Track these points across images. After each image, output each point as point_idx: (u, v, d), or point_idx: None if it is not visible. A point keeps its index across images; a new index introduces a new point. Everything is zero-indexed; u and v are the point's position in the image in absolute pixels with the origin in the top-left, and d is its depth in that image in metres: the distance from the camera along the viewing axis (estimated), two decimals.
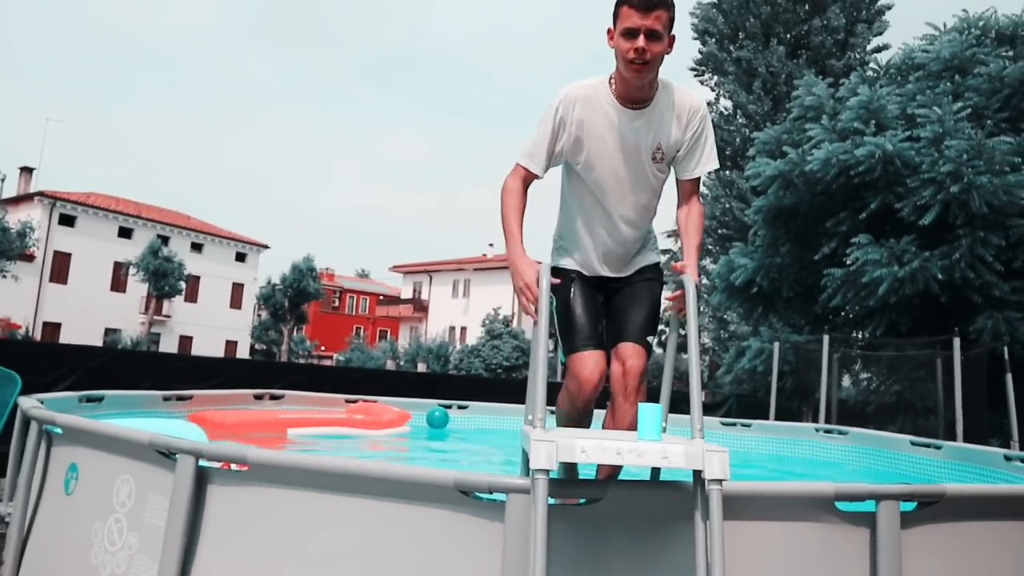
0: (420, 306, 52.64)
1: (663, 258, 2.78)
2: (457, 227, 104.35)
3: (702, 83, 27.83)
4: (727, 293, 15.33)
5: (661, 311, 2.64)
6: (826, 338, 10.12)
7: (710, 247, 28.58)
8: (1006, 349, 9.08)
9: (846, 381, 14.22)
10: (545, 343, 1.96)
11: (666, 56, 2.30)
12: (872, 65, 15.01)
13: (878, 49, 24.64)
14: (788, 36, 25.24)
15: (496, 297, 43.76)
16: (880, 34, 24.86)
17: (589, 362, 2.44)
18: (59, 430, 2.69)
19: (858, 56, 24.21)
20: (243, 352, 40.99)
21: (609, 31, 2.34)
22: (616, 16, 2.30)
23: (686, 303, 2.09)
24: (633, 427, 2.21)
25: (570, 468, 2.55)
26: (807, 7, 25.08)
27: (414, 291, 54.09)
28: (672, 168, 2.49)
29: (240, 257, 42.63)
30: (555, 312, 2.55)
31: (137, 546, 2.27)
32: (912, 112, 11.64)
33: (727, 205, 26.25)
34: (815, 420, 10.90)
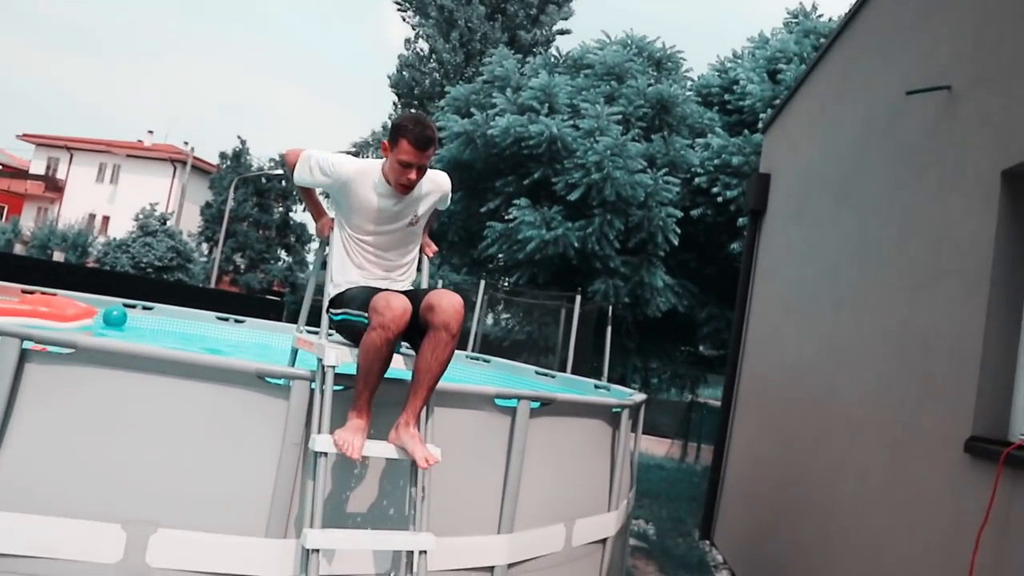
0: (54, 185, 46.14)
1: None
2: (109, 104, 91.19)
3: (404, 19, 28.56)
4: None
5: None
6: (482, 282, 11.90)
7: None
8: (611, 308, 11.65)
9: (489, 319, 16.35)
10: (329, 274, 2.87)
11: None
12: (554, 51, 17.22)
13: (562, 32, 27.65)
14: None
15: (151, 190, 40.27)
16: (566, 19, 27.87)
17: (394, 296, 2.63)
18: None
19: (544, 33, 26.95)
20: None
21: (384, 145, 2.85)
22: (395, 142, 2.77)
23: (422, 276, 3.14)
24: (450, 361, 2.72)
25: None
26: None
27: (48, 168, 47.13)
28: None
29: None
30: (348, 307, 2.87)
31: None
32: (577, 104, 13.90)
33: None
34: (463, 349, 12.70)
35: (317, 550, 2.42)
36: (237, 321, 7.34)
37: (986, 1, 3.32)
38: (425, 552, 2.57)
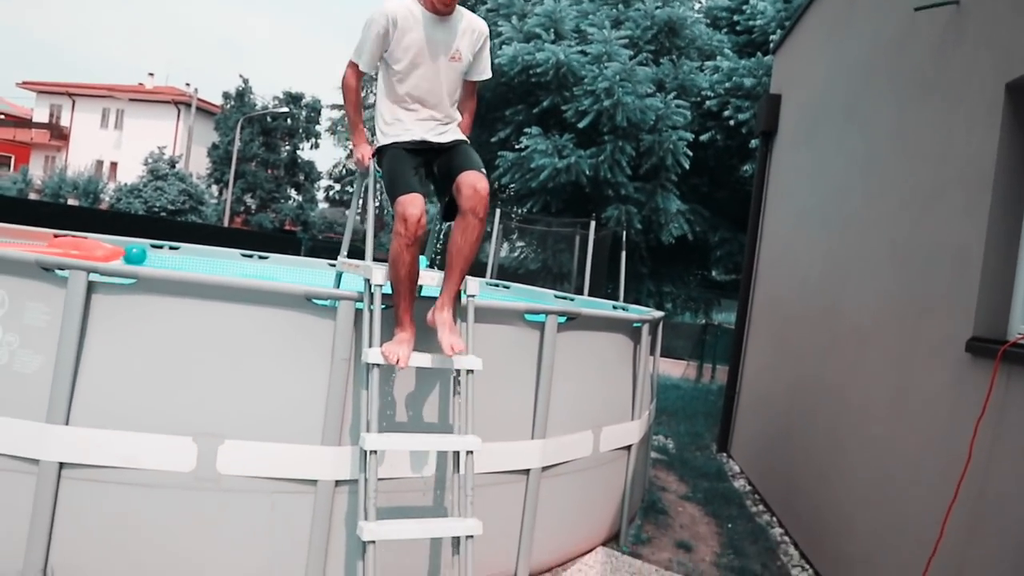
0: (59, 133, 45.98)
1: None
2: (106, 48, 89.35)
3: None
4: None
5: None
6: (498, 211, 12.04)
7: None
8: (624, 234, 11.81)
9: (504, 248, 16.51)
10: (373, 210, 3.05)
11: None
12: None
13: None
14: None
15: (157, 134, 40.17)
16: None
17: (412, 203, 2.90)
18: None
19: None
20: None
21: None
22: None
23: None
24: (480, 241, 3.01)
25: None
26: None
27: (51, 115, 46.86)
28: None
29: None
30: (383, 176, 3.14)
31: (18, 343, 2.90)
32: (584, 29, 13.73)
33: None
34: (481, 276, 12.94)
35: (375, 451, 2.68)
36: (261, 257, 7.57)
37: None
38: (472, 452, 2.84)
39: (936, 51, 3.75)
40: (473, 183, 2.99)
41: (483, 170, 3.11)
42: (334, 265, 7.25)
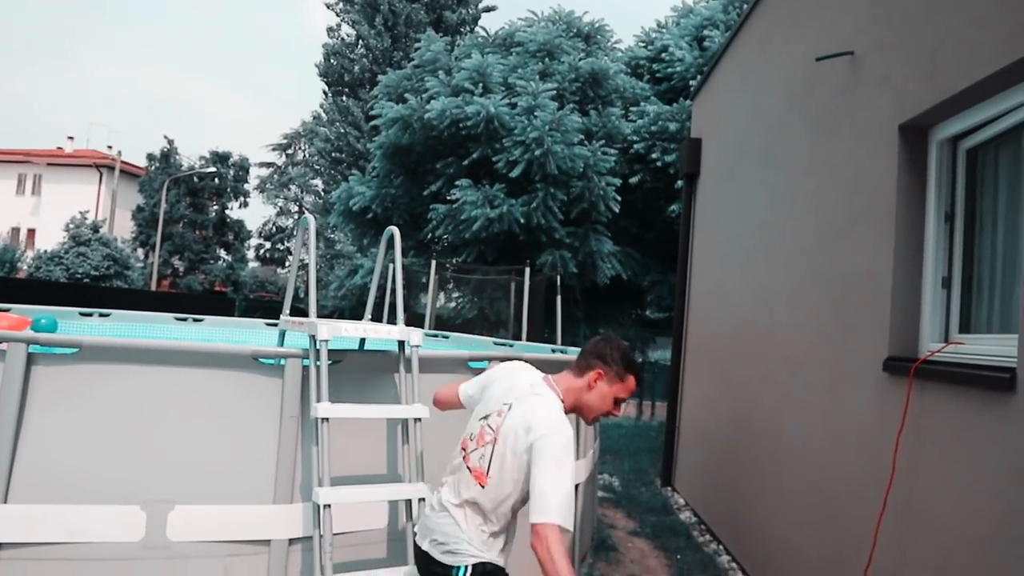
0: None
1: None
2: (20, 112, 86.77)
3: (328, 6, 28.28)
4: (344, 216, 16.70)
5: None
6: (433, 262, 12.13)
7: (327, 170, 29.41)
8: (559, 278, 12.02)
9: (440, 298, 16.54)
10: (313, 268, 3.10)
11: None
12: (481, 32, 17.38)
13: (488, 9, 27.73)
14: None
15: (78, 198, 39.09)
16: None
17: None
18: None
19: (471, 12, 26.99)
20: None
21: (600, 374, 2.47)
22: (622, 377, 2.49)
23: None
24: None
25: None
26: None
27: None
28: None
29: None
30: None
31: None
32: (512, 82, 14.13)
33: (342, 131, 27.24)
34: (419, 328, 12.93)
35: (328, 505, 2.69)
36: (196, 320, 7.43)
37: None
38: (423, 499, 2.87)
39: (840, 95, 4.06)
40: None
41: None
42: (272, 324, 7.27)
